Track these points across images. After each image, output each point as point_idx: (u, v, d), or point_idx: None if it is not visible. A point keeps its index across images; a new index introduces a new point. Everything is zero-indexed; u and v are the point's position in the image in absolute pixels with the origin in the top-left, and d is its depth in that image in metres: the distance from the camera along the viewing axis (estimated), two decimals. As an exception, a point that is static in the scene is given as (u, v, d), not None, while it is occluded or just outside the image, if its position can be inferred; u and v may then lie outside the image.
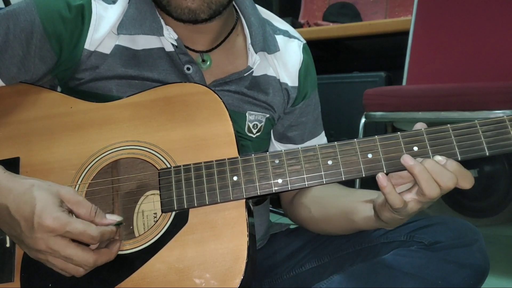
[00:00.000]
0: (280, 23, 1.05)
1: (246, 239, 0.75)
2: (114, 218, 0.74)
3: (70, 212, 0.72)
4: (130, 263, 0.76)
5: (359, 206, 0.86)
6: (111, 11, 0.88)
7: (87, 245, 0.72)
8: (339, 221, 0.91)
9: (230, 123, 0.80)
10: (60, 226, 0.68)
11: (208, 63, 0.94)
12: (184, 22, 0.86)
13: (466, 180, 0.71)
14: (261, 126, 0.99)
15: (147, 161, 0.80)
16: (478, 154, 0.73)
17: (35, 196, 0.69)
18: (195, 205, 0.77)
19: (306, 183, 0.76)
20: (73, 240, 0.70)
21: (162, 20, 0.90)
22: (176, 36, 0.89)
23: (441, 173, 0.70)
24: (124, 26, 0.88)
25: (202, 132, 0.80)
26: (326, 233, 0.98)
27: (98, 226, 0.71)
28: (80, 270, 0.72)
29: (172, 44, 0.90)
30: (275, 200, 1.11)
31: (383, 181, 0.71)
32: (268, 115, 0.99)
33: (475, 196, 2.18)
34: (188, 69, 0.90)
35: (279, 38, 1.01)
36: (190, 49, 0.93)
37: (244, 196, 0.76)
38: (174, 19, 0.87)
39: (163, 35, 0.89)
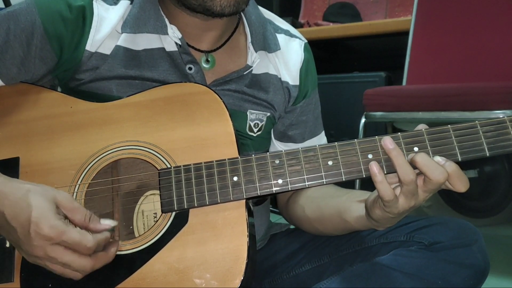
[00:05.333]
0: (282, 23, 1.05)
1: (246, 239, 0.75)
2: (108, 223, 0.74)
3: (65, 217, 0.72)
4: (130, 263, 0.76)
5: (352, 205, 0.86)
6: (113, 12, 0.88)
7: None
8: (332, 221, 0.90)
9: (230, 123, 0.80)
10: (56, 235, 0.68)
11: (211, 63, 0.94)
12: (223, 16, 0.85)
13: (462, 182, 0.71)
14: (262, 125, 0.99)
15: (147, 161, 0.80)
16: (478, 155, 0.72)
17: (31, 203, 0.69)
18: (195, 205, 0.76)
19: (306, 183, 0.76)
20: None
21: (166, 19, 0.90)
22: (180, 35, 0.89)
23: (432, 167, 0.70)
24: (128, 24, 0.88)
25: (202, 132, 0.80)
26: (319, 233, 0.97)
27: (94, 236, 0.71)
28: (78, 274, 0.72)
29: (176, 43, 0.90)
30: (275, 200, 1.11)
31: (375, 169, 0.71)
32: (269, 114, 0.99)
33: (475, 196, 2.18)
34: (190, 69, 0.90)
35: (281, 37, 1.01)
36: (195, 49, 0.93)
37: (244, 196, 0.76)
38: (209, 15, 0.85)
39: (167, 34, 0.89)
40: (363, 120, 1.87)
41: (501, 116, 0.73)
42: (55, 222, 0.69)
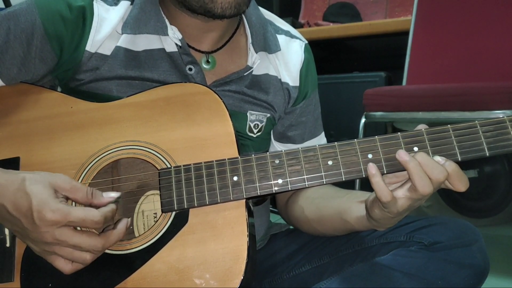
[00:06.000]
0: (282, 24, 1.05)
1: (246, 239, 0.75)
2: (112, 195, 0.73)
3: (67, 199, 0.72)
4: (130, 263, 0.76)
5: (352, 206, 0.86)
6: (113, 13, 0.88)
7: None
8: (332, 222, 0.90)
9: (230, 123, 0.80)
10: (61, 217, 0.68)
11: (211, 64, 0.94)
12: (224, 18, 0.85)
13: (462, 182, 0.71)
14: (262, 126, 0.99)
15: (147, 161, 0.80)
16: (478, 155, 0.73)
17: (28, 191, 0.69)
18: (195, 205, 0.77)
19: (306, 183, 0.76)
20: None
21: (166, 20, 0.90)
22: (180, 36, 0.90)
23: (431, 166, 0.70)
24: (128, 25, 0.88)
25: (202, 132, 0.80)
26: (318, 234, 0.97)
27: (100, 210, 0.71)
28: (87, 257, 0.71)
29: (176, 44, 0.90)
30: (275, 200, 1.12)
31: (373, 169, 0.72)
32: (268, 115, 1.00)
33: (475, 196, 2.18)
34: (190, 69, 0.90)
35: (281, 38, 1.01)
36: (195, 50, 0.93)
37: (244, 196, 0.76)
38: (209, 17, 0.85)
39: (168, 35, 0.89)
40: (363, 120, 1.88)
41: (501, 116, 0.73)
42: (56, 205, 0.68)
